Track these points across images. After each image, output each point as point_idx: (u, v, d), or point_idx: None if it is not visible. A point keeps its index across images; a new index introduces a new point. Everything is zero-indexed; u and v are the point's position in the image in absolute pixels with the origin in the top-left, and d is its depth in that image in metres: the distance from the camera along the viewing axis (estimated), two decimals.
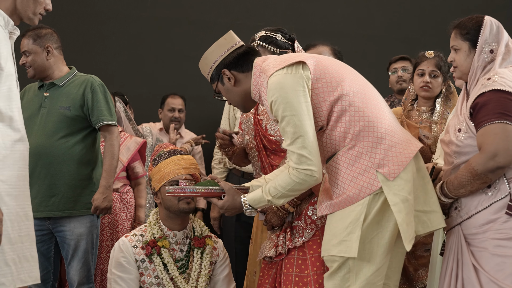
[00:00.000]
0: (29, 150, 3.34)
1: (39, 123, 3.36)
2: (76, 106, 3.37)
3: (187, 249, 2.98)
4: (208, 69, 2.55)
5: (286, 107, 2.35)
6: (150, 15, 5.35)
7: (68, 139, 3.35)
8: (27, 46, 3.40)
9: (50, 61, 3.42)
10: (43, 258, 3.38)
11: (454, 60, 2.56)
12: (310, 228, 2.79)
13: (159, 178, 2.95)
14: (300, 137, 2.34)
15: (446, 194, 2.46)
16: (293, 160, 2.37)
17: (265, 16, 5.55)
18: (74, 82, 3.44)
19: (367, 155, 2.38)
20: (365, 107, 2.42)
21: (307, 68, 2.42)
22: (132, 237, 2.94)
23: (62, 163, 3.32)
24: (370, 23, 5.79)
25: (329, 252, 2.43)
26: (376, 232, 2.38)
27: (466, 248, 2.40)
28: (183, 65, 5.33)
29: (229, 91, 2.55)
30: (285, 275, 2.80)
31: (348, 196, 2.39)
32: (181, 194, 2.66)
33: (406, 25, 5.85)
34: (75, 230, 3.34)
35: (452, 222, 2.48)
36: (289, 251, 2.81)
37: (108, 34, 5.24)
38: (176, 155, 2.99)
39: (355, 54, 5.25)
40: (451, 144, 2.46)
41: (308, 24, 5.61)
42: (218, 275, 3.01)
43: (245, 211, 2.52)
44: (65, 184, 3.33)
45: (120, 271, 2.86)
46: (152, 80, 5.31)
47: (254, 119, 2.93)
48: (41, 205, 3.32)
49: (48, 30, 3.45)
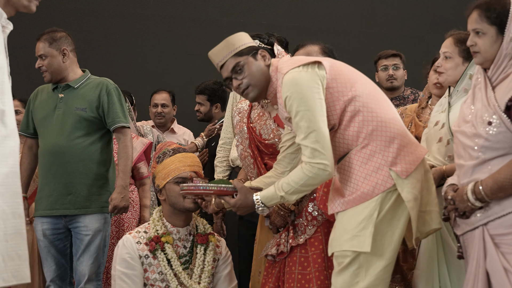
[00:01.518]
0: (46, 150, 3.40)
1: (54, 124, 3.42)
2: (92, 107, 3.43)
3: (190, 246, 2.99)
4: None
5: (301, 102, 2.39)
6: (153, 14, 5.36)
7: (84, 139, 3.41)
8: (43, 49, 3.45)
9: (66, 63, 3.48)
10: (60, 256, 3.46)
11: (476, 44, 2.35)
12: (312, 224, 2.81)
13: (164, 175, 2.97)
14: (314, 132, 2.38)
15: (482, 198, 2.25)
16: (306, 155, 2.41)
17: (268, 15, 5.56)
18: (89, 84, 3.50)
19: (380, 153, 2.43)
20: (378, 109, 2.47)
21: (322, 67, 2.47)
22: (136, 234, 2.96)
23: (78, 162, 3.38)
24: (374, 21, 5.79)
25: (341, 247, 2.45)
26: (387, 229, 2.43)
27: (494, 251, 2.24)
28: (186, 63, 5.34)
29: (257, 67, 2.55)
30: (288, 274, 2.81)
31: (362, 193, 2.43)
32: (195, 191, 2.67)
33: (410, 23, 5.85)
34: (90, 226, 3.39)
35: (474, 223, 2.31)
36: (291, 249, 2.82)
37: (111, 33, 5.26)
38: (181, 153, 3.02)
39: (358, 51, 5.25)
40: (478, 137, 2.28)
41: (311, 22, 5.61)
42: (220, 272, 3.03)
43: (257, 209, 2.53)
44: (82, 183, 3.39)
45: (125, 267, 2.88)
46: (155, 78, 5.32)
47: (248, 128, 2.97)
48: (57, 203, 3.38)
49: (62, 33, 3.50)
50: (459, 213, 2.32)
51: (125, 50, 5.24)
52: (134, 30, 5.27)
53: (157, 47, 5.33)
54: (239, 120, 3.03)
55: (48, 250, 3.44)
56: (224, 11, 5.50)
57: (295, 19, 5.67)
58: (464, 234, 2.36)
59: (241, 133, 3.01)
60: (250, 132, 2.95)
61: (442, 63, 2.99)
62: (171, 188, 2.94)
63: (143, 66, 5.27)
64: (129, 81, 5.11)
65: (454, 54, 2.95)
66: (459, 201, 2.30)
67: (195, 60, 5.51)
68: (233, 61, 2.54)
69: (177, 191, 2.89)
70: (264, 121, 2.92)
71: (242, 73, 2.54)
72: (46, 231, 3.43)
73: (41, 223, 3.44)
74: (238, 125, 3.04)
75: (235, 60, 2.53)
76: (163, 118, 4.99)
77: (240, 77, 2.54)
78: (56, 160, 3.37)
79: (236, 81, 2.55)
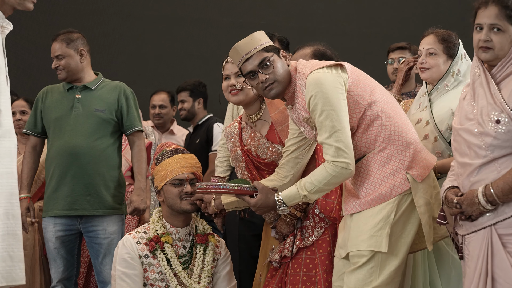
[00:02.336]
0: (64, 150, 3.38)
1: (72, 124, 3.42)
2: (111, 109, 3.46)
3: (190, 246, 3.00)
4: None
5: (326, 102, 2.44)
6: (153, 14, 5.37)
7: (103, 141, 3.44)
8: (60, 50, 3.46)
9: (83, 64, 3.50)
10: (69, 256, 3.47)
11: (492, 40, 2.27)
12: (319, 226, 2.82)
13: (162, 177, 2.97)
14: (338, 131, 2.44)
15: (493, 200, 2.22)
16: (330, 154, 2.45)
17: (268, 15, 5.56)
18: (106, 87, 3.53)
19: (397, 157, 2.51)
20: (395, 115, 2.55)
21: (345, 70, 2.53)
22: (136, 234, 2.96)
23: (98, 164, 3.40)
24: (373, 21, 5.79)
25: (358, 247, 2.50)
26: (402, 231, 2.51)
27: (503, 250, 2.23)
28: (186, 63, 5.35)
29: (282, 65, 2.58)
30: (292, 275, 2.81)
31: (380, 194, 2.50)
32: (213, 190, 2.68)
33: (409, 23, 5.85)
34: (108, 229, 3.42)
35: (482, 223, 2.29)
36: (297, 251, 2.83)
37: (111, 33, 5.26)
38: (179, 154, 3.01)
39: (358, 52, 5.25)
40: (486, 136, 2.25)
41: (310, 22, 5.62)
42: (220, 272, 3.04)
43: (278, 208, 2.56)
44: (100, 184, 3.41)
45: (125, 267, 2.88)
46: (155, 79, 5.32)
47: (242, 151, 2.96)
48: (76, 204, 3.38)
49: (78, 34, 3.54)
50: (465, 216, 2.30)
51: (124, 51, 5.24)
52: (134, 31, 5.27)
53: (157, 48, 5.33)
54: (232, 145, 3.02)
55: (57, 252, 3.43)
56: (224, 11, 5.50)
57: (295, 20, 5.67)
58: (468, 235, 2.34)
59: (236, 157, 3.00)
60: (245, 155, 2.94)
61: (426, 60, 3.01)
62: (169, 190, 2.95)
63: (142, 67, 5.27)
64: (128, 82, 5.08)
65: (438, 51, 2.98)
66: (467, 205, 2.28)
67: (194, 60, 5.52)
68: (260, 55, 2.56)
69: (175, 193, 2.92)
70: (258, 141, 2.91)
71: (268, 68, 2.55)
72: (59, 232, 3.41)
73: (53, 224, 3.41)
74: (232, 150, 3.03)
75: (262, 55, 2.56)
76: (161, 119, 5.00)
77: (266, 71, 2.55)
78: (75, 161, 3.37)
79: (262, 75, 2.55)
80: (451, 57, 3.00)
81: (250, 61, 2.56)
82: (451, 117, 2.88)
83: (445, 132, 2.90)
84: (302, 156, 2.76)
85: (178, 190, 2.93)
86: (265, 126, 2.92)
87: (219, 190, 2.66)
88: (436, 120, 2.93)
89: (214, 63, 3.61)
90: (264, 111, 2.93)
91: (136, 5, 5.30)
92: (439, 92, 3.00)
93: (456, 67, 2.99)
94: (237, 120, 3.07)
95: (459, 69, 3.00)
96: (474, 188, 2.29)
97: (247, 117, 2.97)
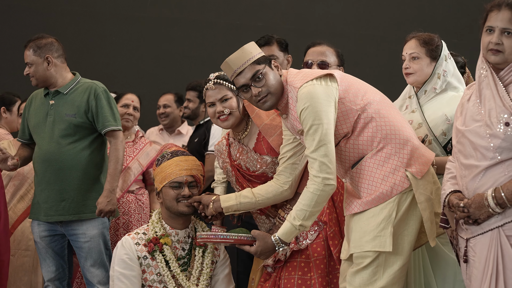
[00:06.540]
0: (40, 157, 3.41)
1: (47, 131, 3.43)
2: (81, 113, 3.43)
3: (189, 248, 3.00)
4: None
5: (316, 116, 2.47)
6: (150, 16, 5.37)
7: (75, 145, 3.41)
8: (28, 57, 3.45)
9: (51, 71, 3.46)
10: (58, 257, 3.49)
11: (503, 44, 2.29)
12: (313, 229, 2.82)
13: (161, 179, 2.97)
14: (324, 146, 2.47)
15: (503, 203, 2.22)
16: (315, 168, 2.49)
17: (265, 17, 5.57)
18: (78, 89, 3.49)
19: (395, 155, 2.54)
20: (389, 114, 2.58)
21: (334, 80, 2.55)
22: (135, 235, 2.97)
23: (71, 168, 3.39)
24: (370, 23, 5.81)
25: (362, 248, 2.51)
26: (404, 229, 2.53)
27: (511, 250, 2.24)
28: (183, 65, 5.35)
29: (274, 76, 2.60)
30: (286, 278, 2.81)
31: (381, 193, 2.52)
32: (213, 240, 2.74)
33: (406, 25, 5.87)
34: (87, 233, 3.41)
35: (489, 225, 2.29)
36: (291, 254, 2.83)
37: (108, 34, 5.26)
38: (179, 156, 3.01)
39: (355, 54, 5.26)
40: (494, 138, 2.26)
41: (307, 24, 5.63)
42: (218, 275, 3.04)
43: (278, 250, 2.59)
44: (75, 189, 3.40)
45: (123, 268, 2.88)
46: (152, 80, 5.32)
47: (232, 166, 2.98)
48: (52, 210, 3.40)
49: (48, 40, 3.48)
50: (472, 220, 2.30)
51: (121, 52, 5.24)
52: (131, 32, 5.27)
53: (154, 49, 5.33)
54: (222, 161, 3.05)
55: (46, 251, 3.47)
56: (221, 13, 5.51)
57: (292, 21, 5.68)
58: (473, 237, 2.33)
59: (227, 173, 3.04)
60: (235, 169, 2.97)
61: (410, 65, 3.02)
62: (167, 192, 2.95)
63: (139, 68, 5.27)
64: (125, 83, 5.12)
65: (421, 54, 2.99)
66: (475, 208, 2.28)
67: (191, 62, 5.52)
68: (252, 69, 2.56)
69: (172, 195, 2.93)
70: (246, 155, 2.93)
71: (261, 81, 2.57)
72: (43, 233, 3.46)
73: (37, 225, 3.47)
74: (223, 166, 3.07)
75: (254, 68, 2.57)
76: (167, 118, 5.00)
77: (259, 84, 2.57)
78: (49, 167, 3.39)
79: (255, 89, 2.57)
80: (434, 59, 2.99)
81: (242, 74, 2.57)
82: (445, 122, 2.89)
83: (440, 136, 2.91)
84: (299, 162, 2.78)
85: (176, 192, 2.94)
86: (252, 139, 2.94)
87: (219, 240, 2.71)
88: (430, 124, 2.93)
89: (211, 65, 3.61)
90: (251, 126, 2.94)
91: (133, 7, 5.30)
92: (427, 95, 3.01)
93: (440, 68, 3.00)
94: (225, 136, 3.08)
95: (445, 70, 3.00)
96: (480, 190, 2.29)
97: (234, 134, 2.99)
